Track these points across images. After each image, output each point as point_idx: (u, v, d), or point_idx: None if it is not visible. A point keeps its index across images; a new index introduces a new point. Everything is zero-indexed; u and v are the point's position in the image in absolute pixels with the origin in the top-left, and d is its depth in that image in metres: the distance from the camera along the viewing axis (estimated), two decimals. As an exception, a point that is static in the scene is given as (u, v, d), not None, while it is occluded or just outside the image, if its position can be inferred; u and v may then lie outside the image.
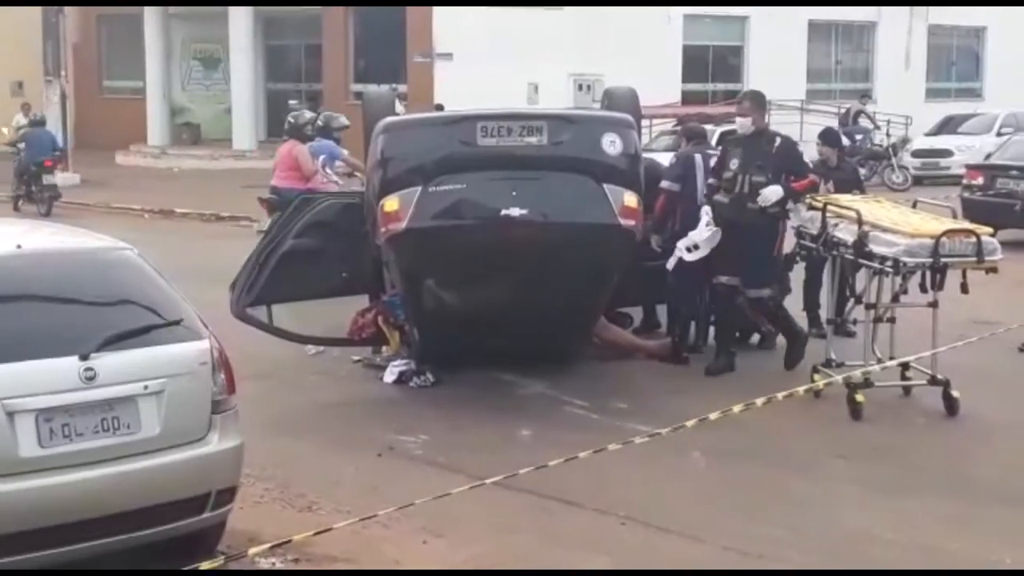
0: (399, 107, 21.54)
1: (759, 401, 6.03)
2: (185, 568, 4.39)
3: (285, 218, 9.62)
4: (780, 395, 6.32)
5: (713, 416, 5.99)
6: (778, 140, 9.31)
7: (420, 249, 8.52)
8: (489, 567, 5.72)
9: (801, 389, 6.40)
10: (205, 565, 4.44)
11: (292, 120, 13.14)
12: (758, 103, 9.59)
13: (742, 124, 9.35)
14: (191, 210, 20.90)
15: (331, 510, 6.38)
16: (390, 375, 9.25)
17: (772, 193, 9.01)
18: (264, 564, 5.69)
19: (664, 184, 9.89)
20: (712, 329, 10.09)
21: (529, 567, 5.76)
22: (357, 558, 5.80)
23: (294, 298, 9.50)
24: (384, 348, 9.74)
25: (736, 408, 6.04)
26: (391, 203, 8.38)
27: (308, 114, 13.50)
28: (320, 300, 9.80)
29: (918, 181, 24.81)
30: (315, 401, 8.85)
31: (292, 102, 33.45)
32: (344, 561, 5.75)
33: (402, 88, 27.02)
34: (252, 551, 5.00)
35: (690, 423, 5.93)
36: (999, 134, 25.35)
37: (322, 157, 12.37)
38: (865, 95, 30.11)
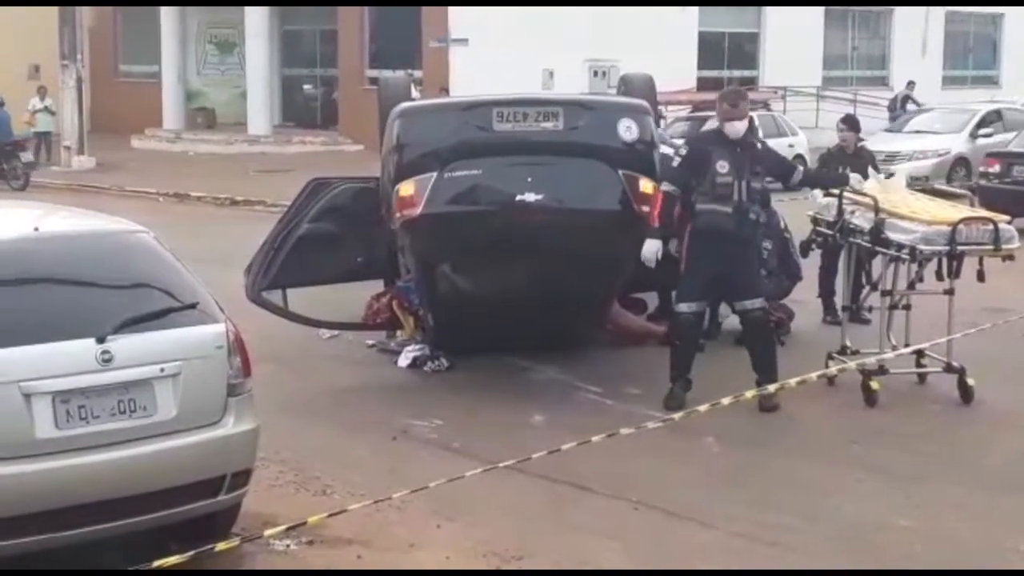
0: (414, 92, 21.55)
1: (771, 387, 6.02)
2: (202, 548, 4.41)
3: (301, 202, 9.63)
4: (793, 381, 6.31)
5: (725, 401, 5.99)
6: (762, 142, 8.69)
7: (435, 234, 8.53)
8: (501, 551, 5.73)
9: (814, 375, 6.39)
10: (221, 546, 4.47)
11: None
12: (746, 103, 8.53)
13: (739, 127, 8.22)
14: (205, 194, 20.95)
15: (345, 493, 6.41)
16: (404, 360, 9.27)
17: (649, 251, 8.18)
18: (279, 546, 5.72)
19: (665, 187, 9.84)
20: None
21: (541, 552, 5.77)
22: (371, 540, 5.83)
23: (309, 282, 9.54)
24: (398, 333, 9.77)
25: (748, 394, 6.04)
26: (406, 188, 8.39)
27: None
28: (335, 284, 9.85)
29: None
30: (330, 385, 8.88)
31: (307, 87, 33.70)
32: (358, 544, 5.78)
33: (417, 74, 27.01)
34: (267, 532, 5.03)
35: (702, 408, 5.93)
36: (1017, 122, 25.26)
37: None
38: (911, 81, 29.94)
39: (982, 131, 21.99)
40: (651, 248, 8.20)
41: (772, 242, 10.54)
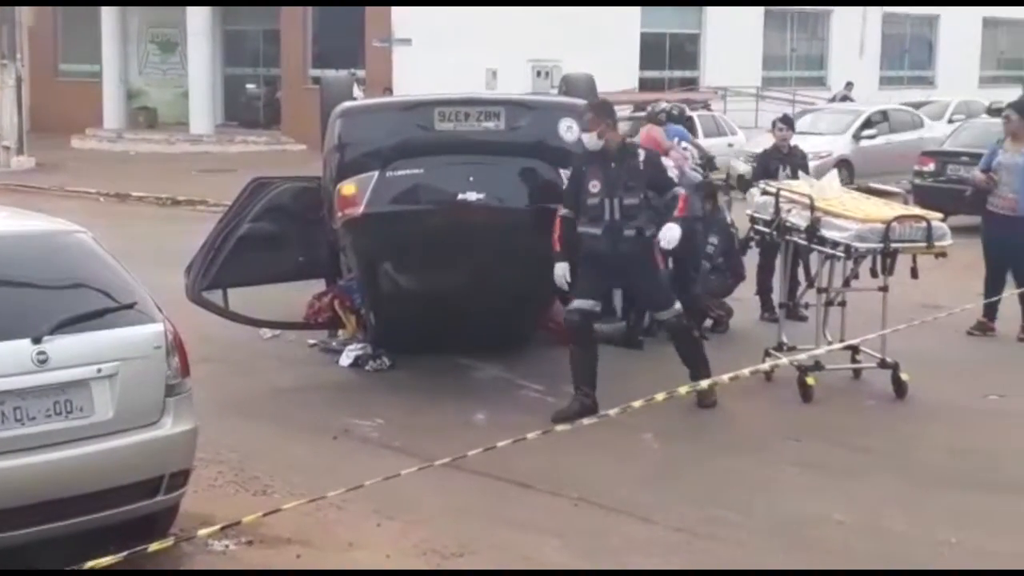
0: (358, 92, 21.46)
1: (705, 383, 6.09)
2: (135, 548, 4.39)
3: (242, 202, 9.59)
4: (726, 377, 6.40)
5: (659, 397, 6.05)
6: (642, 153, 8.12)
7: (377, 233, 8.53)
8: (441, 549, 5.76)
9: (747, 371, 6.48)
10: (154, 547, 4.45)
11: (650, 109, 16.39)
12: (604, 114, 8.03)
13: (589, 140, 7.93)
14: (147, 194, 20.78)
15: (286, 493, 6.40)
16: (346, 359, 9.26)
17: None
18: (217, 546, 5.71)
19: None
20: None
21: (481, 549, 5.80)
22: (310, 540, 5.83)
23: (250, 282, 9.50)
24: (340, 332, 9.76)
25: (682, 390, 6.11)
26: (348, 188, 8.39)
27: (663, 104, 16.33)
28: (277, 284, 9.82)
29: (872, 168, 24.88)
30: (270, 385, 8.85)
31: (250, 87, 33.50)
32: (298, 543, 5.78)
33: (361, 73, 26.96)
34: (202, 532, 5.02)
35: (636, 403, 6.00)
36: (951, 121, 25.61)
37: (676, 139, 14.85)
38: (849, 82, 30.32)
39: (866, 132, 21.71)
40: (559, 271, 8.05)
41: (719, 238, 10.67)
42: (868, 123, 22.09)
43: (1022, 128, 10.22)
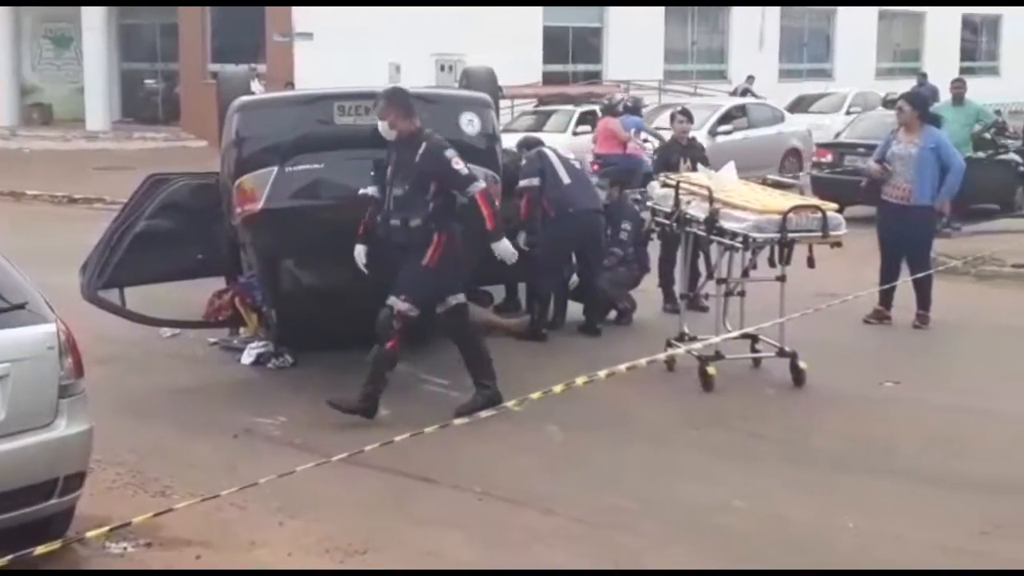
0: (258, 87, 21.17)
1: (602, 373, 6.15)
2: (20, 552, 4.29)
3: (138, 199, 9.43)
4: (623, 367, 6.45)
5: (557, 389, 6.07)
6: (423, 145, 7.76)
7: (277, 230, 8.44)
8: (344, 546, 5.72)
9: (643, 361, 6.55)
10: (40, 550, 4.36)
11: (607, 102, 17.61)
12: (395, 103, 7.84)
13: (382, 128, 7.83)
14: (42, 192, 20.37)
15: (185, 494, 6.29)
16: (248, 357, 9.17)
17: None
18: (115, 549, 5.61)
19: (524, 183, 9.96)
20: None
21: (384, 545, 5.77)
22: (211, 540, 5.75)
23: (148, 280, 9.37)
24: (241, 330, 9.66)
25: (579, 380, 6.14)
26: (246, 183, 8.30)
27: (619, 96, 17.23)
28: (175, 282, 9.68)
29: (773, 159, 25.12)
30: (170, 384, 8.72)
31: (148, 82, 32.96)
32: (198, 544, 5.70)
33: (261, 68, 26.65)
34: (91, 533, 4.93)
35: (535, 395, 6.02)
36: (848, 113, 26.11)
37: (633, 130, 15.63)
38: (751, 76, 30.70)
39: (722, 128, 21.18)
40: (356, 253, 7.99)
41: (632, 224, 10.74)
42: (727, 118, 21.65)
43: (914, 119, 10.43)
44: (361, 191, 8.11)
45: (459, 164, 7.76)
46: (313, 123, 8.48)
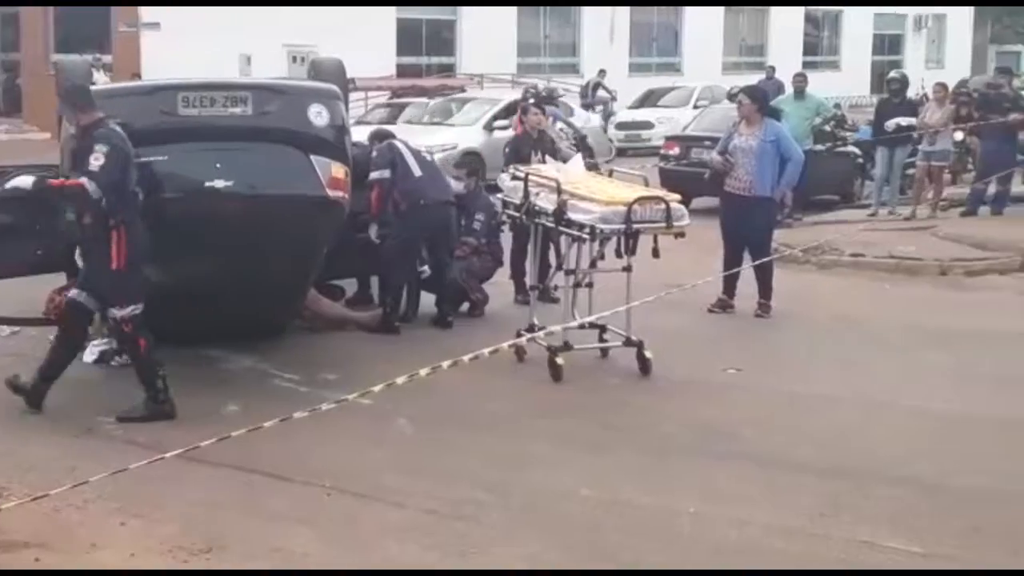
0: (103, 77, 20.66)
1: (445, 364, 6.18)
2: None
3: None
4: (466, 357, 6.49)
5: (400, 380, 6.07)
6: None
7: (119, 224, 8.25)
8: (188, 545, 5.63)
9: (486, 351, 6.58)
10: None
11: (534, 91, 17.58)
12: (67, 101, 7.82)
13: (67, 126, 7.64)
14: None
15: (23, 495, 6.11)
16: (90, 355, 8.95)
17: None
18: (-54, 553, 5.45)
19: (375, 175, 9.94)
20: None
21: (229, 543, 5.70)
22: (49, 542, 5.60)
23: (-16, 277, 9.07)
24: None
25: (423, 372, 6.16)
26: (87, 177, 8.07)
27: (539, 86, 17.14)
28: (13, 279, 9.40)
29: (622, 152, 25.31)
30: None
31: (-13, 72, 31.87)
32: (36, 546, 5.54)
33: (107, 59, 26.02)
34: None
35: (377, 388, 6.03)
36: (696, 106, 26.63)
37: (551, 119, 14.65)
38: (602, 70, 31.03)
39: (499, 123, 20.03)
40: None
41: (485, 215, 10.79)
42: (507, 112, 19.74)
43: (754, 112, 10.71)
44: (208, 183, 8.03)
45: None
46: (156, 114, 8.34)
